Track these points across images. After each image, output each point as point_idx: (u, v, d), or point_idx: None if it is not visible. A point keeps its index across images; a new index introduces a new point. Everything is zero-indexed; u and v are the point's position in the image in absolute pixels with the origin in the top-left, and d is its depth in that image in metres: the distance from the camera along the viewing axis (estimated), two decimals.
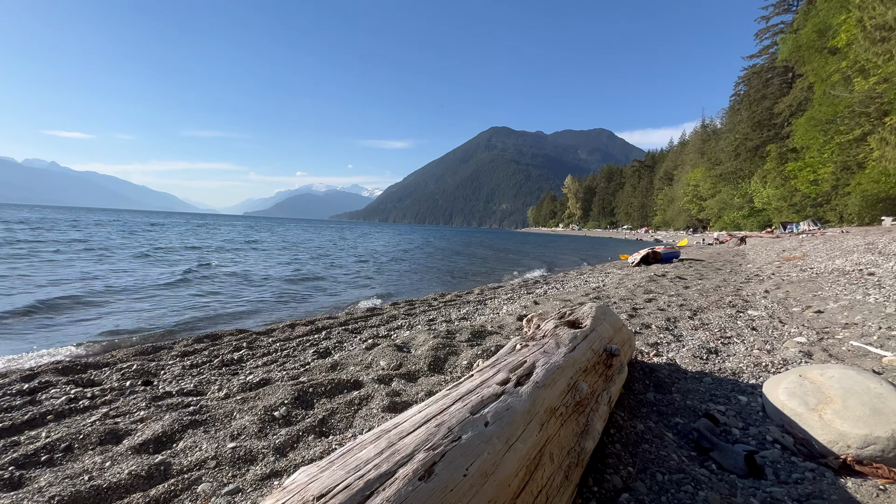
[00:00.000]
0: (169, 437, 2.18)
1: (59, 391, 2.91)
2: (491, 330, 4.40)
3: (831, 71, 24.46)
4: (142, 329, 5.21)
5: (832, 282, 6.15)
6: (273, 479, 1.80)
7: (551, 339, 1.94)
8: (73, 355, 4.09)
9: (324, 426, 2.29)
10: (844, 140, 23.54)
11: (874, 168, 21.29)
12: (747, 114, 45.72)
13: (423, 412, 1.13)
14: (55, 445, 2.10)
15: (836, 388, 2.11)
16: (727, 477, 1.78)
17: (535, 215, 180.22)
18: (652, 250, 13.10)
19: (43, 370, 3.37)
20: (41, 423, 2.44)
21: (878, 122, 20.75)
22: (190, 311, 6.31)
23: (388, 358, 3.44)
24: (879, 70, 19.41)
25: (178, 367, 3.52)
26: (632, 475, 1.75)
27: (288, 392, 2.66)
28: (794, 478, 1.76)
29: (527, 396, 1.33)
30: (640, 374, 2.89)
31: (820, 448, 1.93)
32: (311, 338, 4.51)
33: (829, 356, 3.16)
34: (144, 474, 1.82)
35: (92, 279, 8.59)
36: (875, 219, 22.88)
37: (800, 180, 29.45)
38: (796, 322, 4.31)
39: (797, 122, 29.51)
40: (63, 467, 1.94)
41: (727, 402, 2.52)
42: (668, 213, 73.31)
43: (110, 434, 2.22)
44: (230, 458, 1.95)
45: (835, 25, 23.46)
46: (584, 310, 2.58)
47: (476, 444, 1.01)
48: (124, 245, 17.24)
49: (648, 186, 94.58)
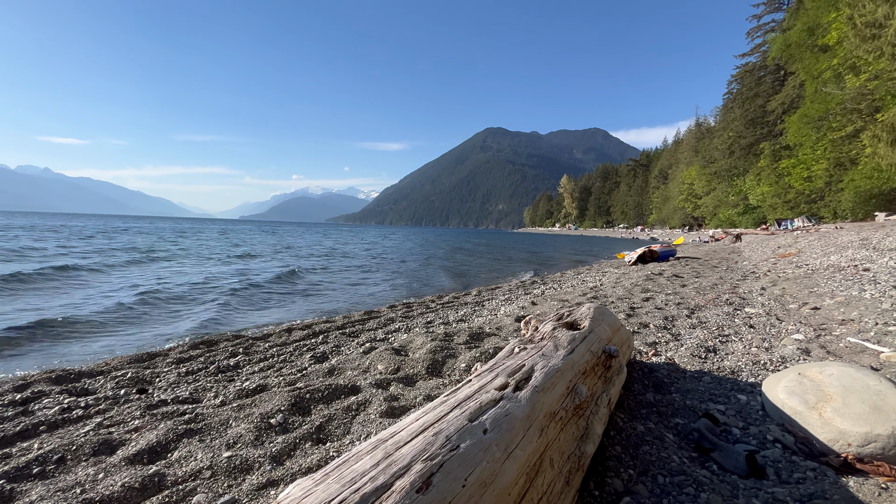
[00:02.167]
0: (164, 447, 2.15)
1: (51, 401, 2.87)
2: (489, 332, 4.38)
3: (822, 68, 24.63)
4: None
5: (828, 278, 6.18)
6: (269, 489, 1.77)
7: (550, 342, 1.92)
8: (76, 362, 4.04)
9: (321, 433, 2.26)
10: (837, 137, 23.69)
11: (867, 164, 21.44)
12: (740, 112, 45.98)
13: (421, 420, 1.11)
14: (48, 457, 2.06)
15: (836, 385, 2.10)
16: (728, 478, 1.77)
17: (532, 215, 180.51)
18: (648, 249, 13.13)
19: (35, 380, 3.32)
20: (34, 434, 2.40)
21: (870, 118, 20.89)
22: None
23: (385, 362, 3.41)
24: (870, 67, 19.56)
25: (174, 374, 3.49)
26: (633, 478, 1.73)
27: (285, 398, 2.63)
28: (796, 477, 1.75)
29: (526, 402, 1.32)
30: (639, 375, 2.88)
31: (821, 447, 1.93)
32: (307, 342, 4.48)
33: (826, 353, 3.16)
34: (138, 486, 1.78)
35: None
36: (869, 214, 23.05)
37: (793, 177, 29.64)
38: (793, 319, 4.32)
39: (790, 119, 29.71)
40: (55, 480, 1.90)
41: (727, 401, 2.51)
42: (664, 212, 73.59)
43: (104, 444, 2.18)
44: (226, 467, 1.92)
45: (825, 23, 23.63)
46: (581, 311, 2.56)
47: (474, 452, 0.99)
48: (217, 247, 19.25)
49: (644, 185, 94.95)
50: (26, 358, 4.29)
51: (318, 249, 23.22)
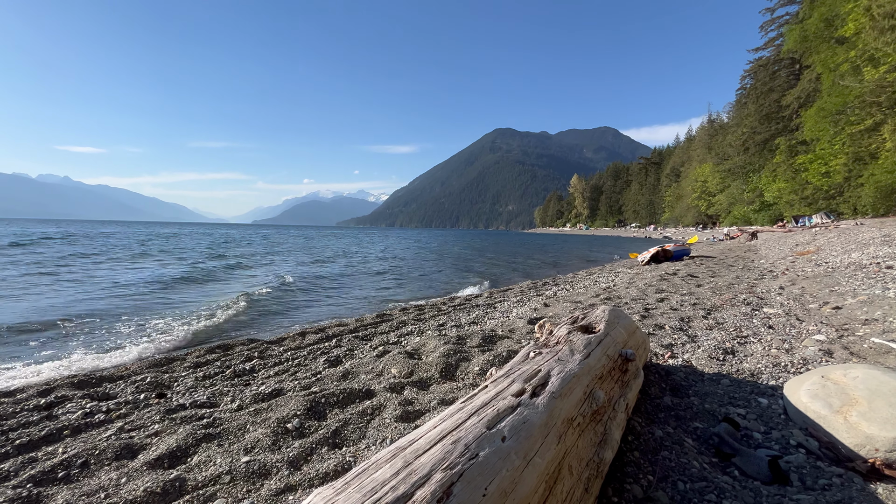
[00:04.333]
0: (183, 452, 2.18)
1: (74, 405, 2.94)
2: (502, 334, 4.37)
3: (840, 61, 24.06)
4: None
5: (849, 276, 6.02)
6: (287, 494, 1.78)
7: (565, 346, 1.90)
8: (92, 367, 4.13)
9: (337, 438, 2.27)
10: (856, 130, 23.11)
11: (887, 158, 20.88)
12: (754, 107, 45.16)
13: (439, 428, 1.11)
14: (72, 461, 2.10)
15: (861, 388, 2.04)
16: (751, 484, 1.73)
17: (542, 216, 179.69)
18: (662, 248, 12.95)
19: (59, 384, 3.41)
20: (58, 438, 2.45)
21: (890, 111, 20.37)
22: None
23: (399, 365, 3.42)
24: (889, 59, 19.08)
25: (191, 378, 3.54)
26: (652, 484, 1.71)
27: (300, 403, 2.65)
28: (822, 484, 1.71)
29: (543, 408, 1.31)
30: (655, 378, 2.84)
31: (846, 452, 1.88)
32: (321, 346, 4.51)
33: (850, 354, 3.08)
34: (160, 491, 1.81)
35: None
36: (890, 210, 22.41)
37: (811, 173, 28.97)
38: (814, 319, 4.22)
39: (806, 113, 29.07)
40: (80, 484, 1.94)
41: (747, 404, 2.46)
42: (677, 210, 72.59)
43: (125, 449, 2.23)
44: (244, 472, 1.95)
45: (842, 14, 23.10)
46: (596, 313, 2.54)
47: (494, 461, 0.99)
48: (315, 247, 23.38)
49: (656, 183, 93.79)
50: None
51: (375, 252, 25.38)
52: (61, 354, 4.64)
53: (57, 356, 4.58)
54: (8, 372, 4.02)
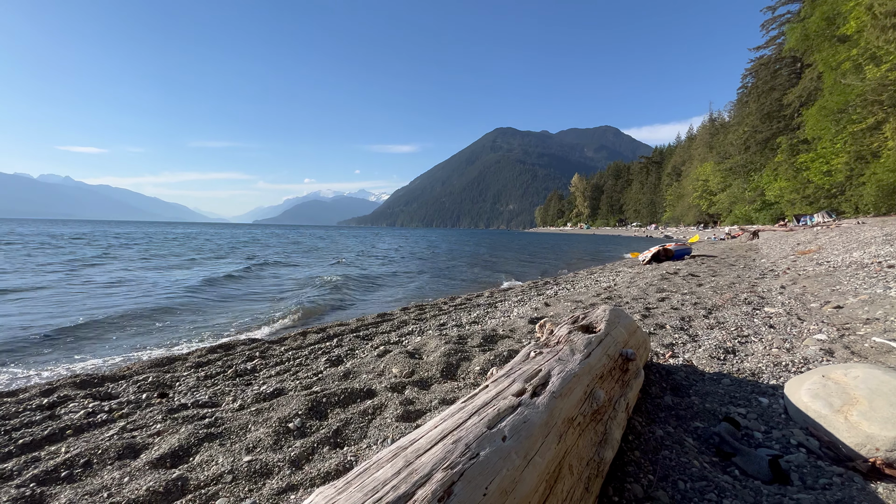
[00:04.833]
0: (185, 451, 2.19)
1: (77, 405, 2.95)
2: (502, 334, 4.37)
3: (841, 59, 23.98)
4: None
5: (850, 275, 6.01)
6: (289, 493, 1.79)
7: (566, 346, 1.91)
8: (93, 367, 4.15)
9: (338, 437, 2.28)
10: (857, 129, 23.04)
11: (889, 157, 20.82)
12: (756, 106, 45.04)
13: (440, 427, 1.12)
14: (74, 461, 2.11)
15: (862, 388, 2.04)
16: (752, 483, 1.74)
17: (543, 215, 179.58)
18: (663, 247, 12.94)
19: (61, 384, 3.42)
20: (60, 438, 2.46)
21: (892, 109, 20.30)
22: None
23: (400, 365, 3.43)
24: (891, 57, 19.01)
25: (193, 378, 3.55)
26: (653, 483, 1.71)
27: (302, 402, 2.66)
28: (822, 483, 1.71)
29: (544, 408, 1.31)
30: (656, 377, 2.84)
31: (847, 451, 1.88)
32: (322, 346, 4.52)
33: (851, 354, 3.08)
34: (162, 490, 1.82)
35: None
36: (892, 209, 22.35)
37: (812, 171, 28.90)
38: (815, 318, 4.22)
39: (808, 112, 28.98)
40: (82, 483, 1.95)
41: (748, 404, 2.46)
42: (678, 209, 72.50)
43: (128, 448, 2.24)
44: (246, 471, 1.95)
45: (843, 12, 23.03)
46: (597, 313, 2.54)
47: (494, 460, 0.99)
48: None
49: (657, 182, 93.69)
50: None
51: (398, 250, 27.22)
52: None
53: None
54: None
